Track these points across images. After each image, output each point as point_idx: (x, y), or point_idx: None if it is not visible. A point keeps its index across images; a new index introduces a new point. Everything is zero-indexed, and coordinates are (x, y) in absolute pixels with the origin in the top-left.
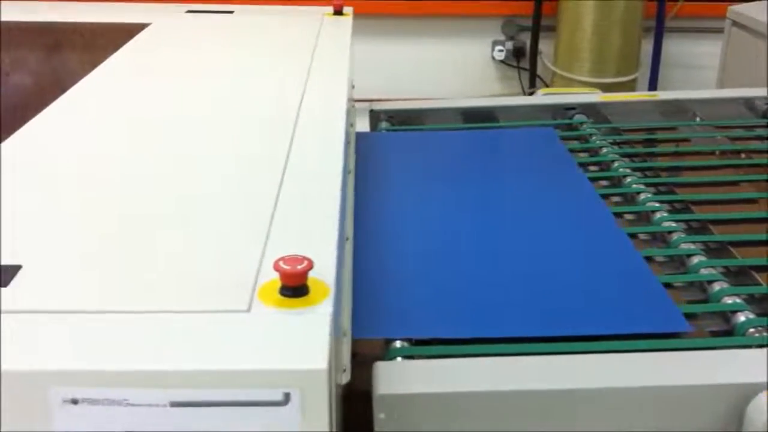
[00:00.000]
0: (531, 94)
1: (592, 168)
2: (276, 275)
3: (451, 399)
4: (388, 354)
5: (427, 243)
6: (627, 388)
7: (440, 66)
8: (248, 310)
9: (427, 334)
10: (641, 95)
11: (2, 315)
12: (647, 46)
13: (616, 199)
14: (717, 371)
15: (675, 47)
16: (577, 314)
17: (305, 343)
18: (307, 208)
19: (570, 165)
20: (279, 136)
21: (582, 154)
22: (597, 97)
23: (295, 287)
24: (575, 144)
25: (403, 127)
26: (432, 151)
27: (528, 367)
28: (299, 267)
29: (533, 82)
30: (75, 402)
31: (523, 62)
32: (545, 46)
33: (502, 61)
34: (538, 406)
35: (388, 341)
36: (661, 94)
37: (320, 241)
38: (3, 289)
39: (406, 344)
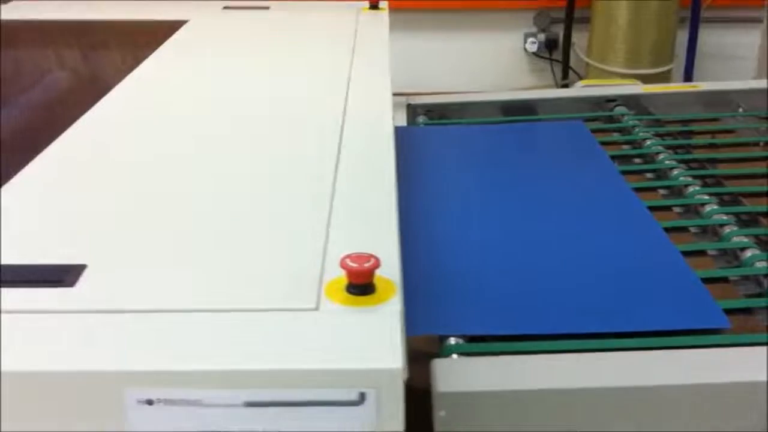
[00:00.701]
0: (564, 86)
1: (636, 160)
2: (340, 272)
3: (513, 397)
4: (443, 351)
5: (469, 237)
6: (688, 386)
7: (472, 59)
8: (316, 308)
9: (483, 330)
10: (683, 86)
11: (75, 315)
12: (682, 37)
13: (663, 191)
14: None
15: (710, 37)
16: (619, 310)
17: (379, 342)
18: (363, 203)
19: (602, 158)
20: (328, 132)
21: (625, 146)
22: (638, 88)
23: (362, 285)
24: (617, 136)
25: (441, 121)
26: (465, 145)
27: (587, 364)
28: (366, 265)
29: (566, 74)
30: (150, 403)
31: (555, 54)
32: (578, 37)
33: (534, 53)
34: (600, 403)
35: (442, 338)
36: (703, 85)
37: (381, 237)
38: (71, 289)
39: (460, 341)
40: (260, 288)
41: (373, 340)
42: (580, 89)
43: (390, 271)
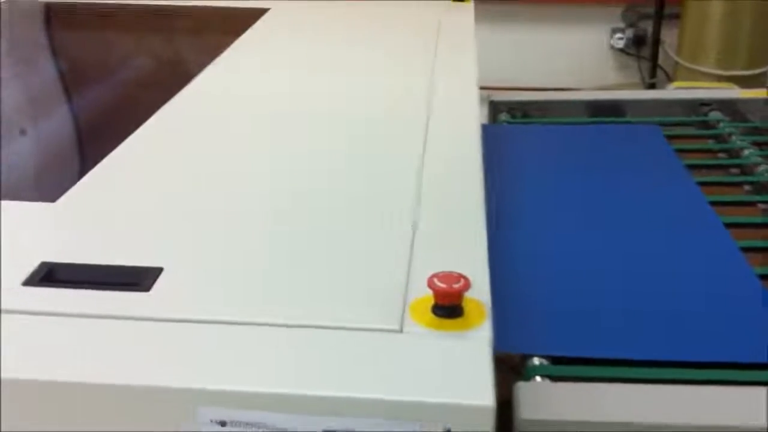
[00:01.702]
0: (651, 85)
1: (732, 170)
2: (425, 291)
3: (602, 429)
4: (526, 371)
5: (547, 247)
6: None
7: (555, 53)
8: (400, 330)
9: (570, 351)
10: None
11: (148, 323)
12: None
13: (762, 206)
14: None
15: None
16: (702, 338)
17: (469, 374)
18: (450, 216)
19: (677, 166)
20: (412, 133)
21: (720, 155)
22: (735, 92)
23: (450, 307)
24: (711, 143)
25: (524, 120)
26: (539, 147)
27: (683, 398)
28: (456, 285)
29: (654, 72)
30: (223, 424)
31: (643, 51)
32: (668, 34)
33: (621, 50)
34: None
35: (525, 357)
36: None
37: (469, 254)
38: (146, 294)
39: (545, 361)
40: (341, 304)
41: (463, 372)
42: (672, 91)
43: (480, 291)
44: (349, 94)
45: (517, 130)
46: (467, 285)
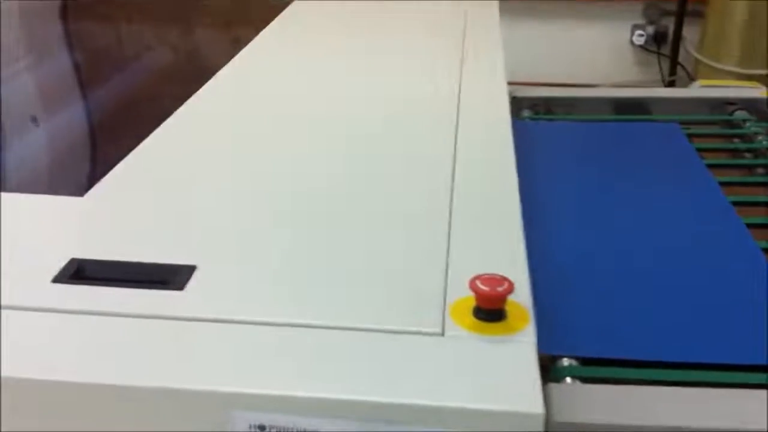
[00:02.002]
0: (671, 82)
1: (759, 171)
2: (465, 293)
3: None
4: (554, 373)
5: (570, 245)
6: None
7: (575, 49)
8: (442, 333)
9: (602, 353)
10: None
11: (182, 323)
12: None
13: None
14: None
15: None
16: (727, 340)
17: (516, 380)
18: (486, 216)
19: (698, 165)
20: (442, 131)
21: (747, 155)
22: (760, 92)
23: (493, 311)
24: (737, 143)
25: (547, 116)
26: (560, 144)
27: (717, 401)
28: (500, 289)
29: (674, 70)
30: (262, 428)
31: (663, 48)
32: (689, 32)
33: (641, 47)
34: None
35: (554, 358)
36: None
37: (508, 255)
38: (180, 293)
39: (574, 362)
40: (380, 306)
41: (510, 378)
42: (697, 89)
43: (521, 294)
44: (377, 93)
45: (539, 127)
46: (511, 288)
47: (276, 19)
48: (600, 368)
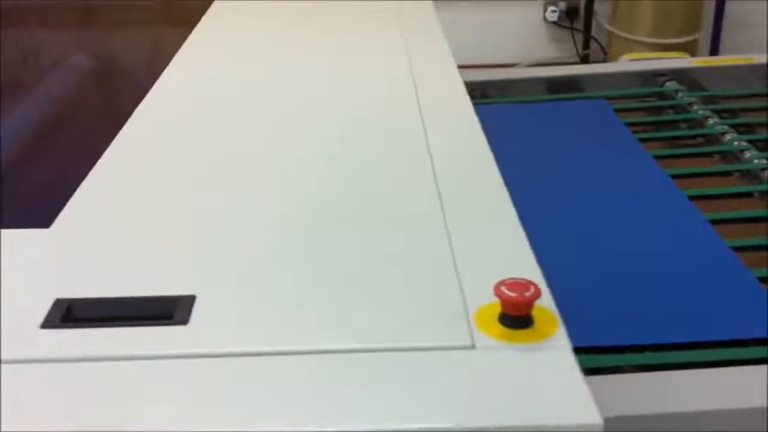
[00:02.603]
0: (585, 56)
1: (695, 141)
2: (483, 299)
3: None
4: None
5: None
6: None
7: (490, 29)
8: (473, 345)
9: (599, 341)
10: (735, 59)
11: (191, 361)
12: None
13: (736, 176)
14: None
15: (736, 5)
16: (689, 316)
17: (565, 391)
18: (478, 211)
19: (631, 141)
20: (410, 127)
21: (682, 125)
22: (687, 62)
23: (521, 317)
24: (671, 114)
25: (483, 100)
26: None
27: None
28: (527, 294)
29: (587, 44)
30: None
31: (576, 23)
32: (600, 5)
33: (554, 23)
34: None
35: None
36: (757, 58)
37: (514, 254)
38: (185, 327)
39: None
40: (400, 322)
41: (557, 389)
42: (626, 63)
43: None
44: (331, 93)
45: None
46: (538, 293)
47: (202, 19)
48: (600, 357)
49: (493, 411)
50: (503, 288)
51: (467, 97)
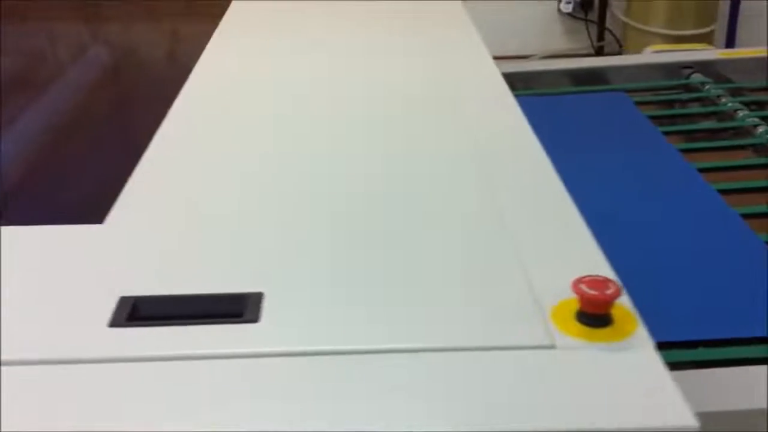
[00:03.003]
0: (600, 48)
1: (723, 134)
2: (557, 297)
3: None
4: None
5: None
6: None
7: (504, 20)
8: (553, 345)
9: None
10: (762, 51)
11: (265, 360)
12: None
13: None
14: None
15: None
16: (714, 312)
17: (656, 393)
18: (537, 209)
19: (655, 133)
20: (454, 123)
21: (710, 118)
22: (713, 53)
23: (601, 315)
24: (696, 107)
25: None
26: None
27: None
28: (608, 291)
29: (602, 35)
30: None
31: (591, 15)
32: None
33: (569, 14)
34: None
35: None
36: None
37: (581, 250)
38: (256, 325)
39: None
40: (474, 320)
41: (647, 390)
42: (650, 55)
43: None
44: (370, 91)
45: None
46: (618, 291)
47: (225, 16)
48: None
49: (583, 412)
50: (582, 285)
51: (509, 92)
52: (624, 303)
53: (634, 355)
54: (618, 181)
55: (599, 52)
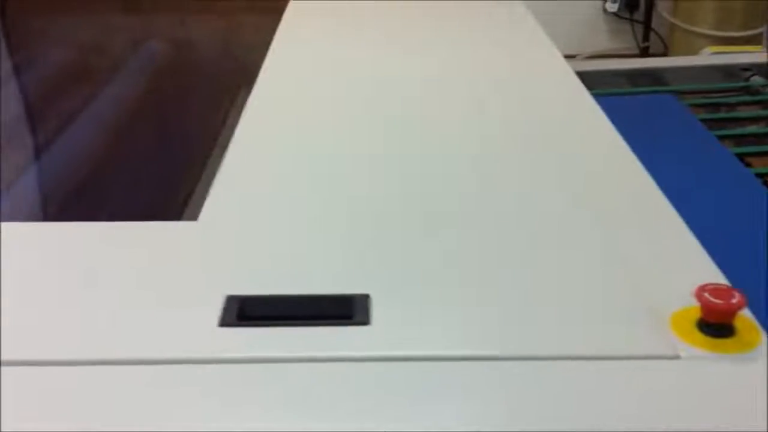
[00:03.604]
0: (645, 49)
1: None
2: (674, 305)
3: None
4: None
5: None
6: None
7: (547, 19)
8: (676, 355)
9: None
10: None
11: (377, 364)
12: None
13: None
14: None
15: None
16: None
17: None
18: (630, 207)
19: (707, 136)
20: (534, 121)
21: None
22: None
23: (724, 325)
24: (757, 110)
25: None
26: None
27: None
28: (733, 301)
29: (647, 36)
30: None
31: (636, 15)
32: None
33: (614, 14)
34: None
35: None
36: None
37: (688, 255)
38: (367, 327)
39: None
40: (594, 329)
41: None
42: (708, 57)
43: None
44: (445, 90)
45: None
46: (744, 300)
47: (284, 15)
48: None
49: (718, 425)
50: (706, 294)
51: (586, 91)
52: (746, 312)
53: (764, 367)
54: (671, 183)
55: (644, 52)
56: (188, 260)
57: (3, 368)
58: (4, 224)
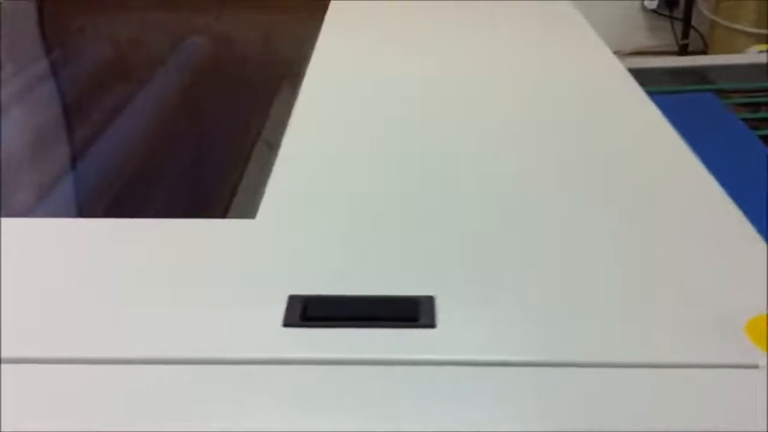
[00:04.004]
0: (684, 46)
1: None
2: (746, 315)
3: None
4: None
5: None
6: None
7: (587, 15)
8: (756, 364)
9: None
10: None
11: (446, 368)
12: None
13: None
14: None
15: None
16: None
17: None
18: (701, 214)
19: (750, 136)
20: (589, 122)
21: None
22: None
23: None
24: None
25: None
26: None
27: None
28: None
29: (686, 33)
30: None
31: (676, 12)
32: None
33: (653, 11)
34: None
35: None
36: None
37: (757, 261)
38: (433, 330)
39: None
40: (667, 337)
41: None
42: (755, 55)
43: None
44: (499, 90)
45: None
46: None
47: (327, 14)
48: None
49: None
50: None
51: (640, 88)
52: None
53: None
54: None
55: (683, 50)
56: (249, 259)
57: (75, 364)
58: (60, 221)
